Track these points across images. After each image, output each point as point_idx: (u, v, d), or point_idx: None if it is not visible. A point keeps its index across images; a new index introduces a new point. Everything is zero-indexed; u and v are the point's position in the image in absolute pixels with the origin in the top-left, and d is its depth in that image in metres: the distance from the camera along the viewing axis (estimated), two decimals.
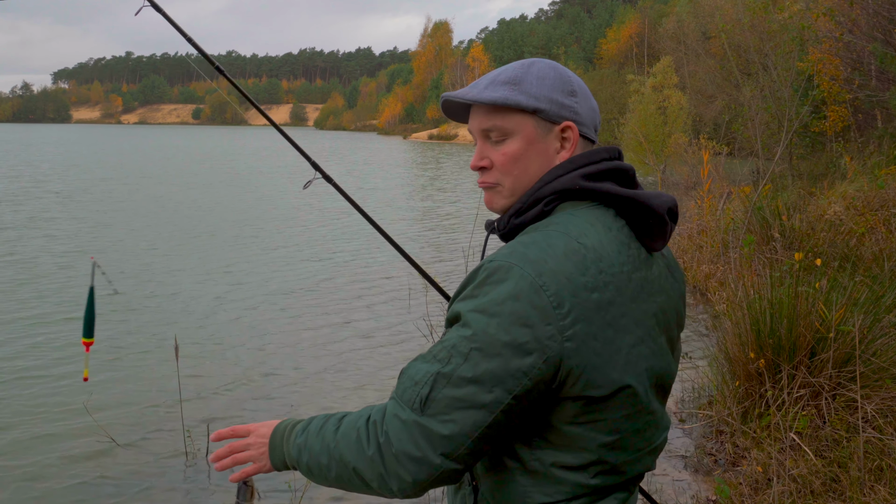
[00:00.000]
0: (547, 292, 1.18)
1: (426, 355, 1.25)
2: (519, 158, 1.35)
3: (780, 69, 15.28)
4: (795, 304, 4.48)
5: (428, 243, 14.31)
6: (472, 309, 1.21)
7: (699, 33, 38.10)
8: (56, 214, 17.45)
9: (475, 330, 1.19)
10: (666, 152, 20.29)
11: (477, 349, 1.18)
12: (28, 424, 5.67)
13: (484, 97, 1.34)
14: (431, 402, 1.20)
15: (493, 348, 1.18)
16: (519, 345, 1.17)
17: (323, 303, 9.44)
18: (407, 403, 1.22)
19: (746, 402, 4.67)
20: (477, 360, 1.18)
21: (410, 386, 1.23)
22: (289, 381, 6.63)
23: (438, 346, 1.24)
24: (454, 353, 1.20)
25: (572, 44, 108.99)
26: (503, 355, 1.18)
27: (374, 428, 1.25)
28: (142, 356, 7.24)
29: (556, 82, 1.36)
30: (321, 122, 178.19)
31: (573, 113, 1.36)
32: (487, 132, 1.37)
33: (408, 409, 1.22)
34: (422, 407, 1.20)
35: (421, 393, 1.21)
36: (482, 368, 1.18)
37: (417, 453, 1.19)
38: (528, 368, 1.18)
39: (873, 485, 3.45)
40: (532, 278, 1.19)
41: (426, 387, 1.20)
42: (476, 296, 1.22)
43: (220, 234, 14.89)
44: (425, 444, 1.19)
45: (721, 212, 10.35)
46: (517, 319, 1.17)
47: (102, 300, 9.31)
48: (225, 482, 4.79)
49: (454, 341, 1.21)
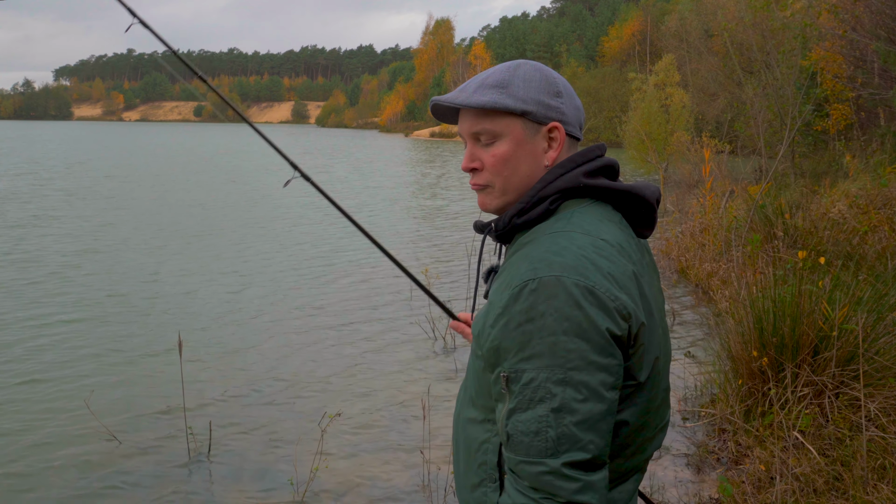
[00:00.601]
0: (601, 291, 1.22)
1: (516, 408, 1.22)
2: (508, 159, 1.38)
3: (782, 67, 15.25)
4: (799, 302, 4.47)
5: (437, 242, 14.30)
6: (540, 335, 1.21)
7: (701, 31, 38.06)
8: (61, 213, 17.46)
9: (555, 353, 1.19)
10: (668, 150, 20.27)
11: (571, 369, 1.19)
12: (32, 424, 5.67)
13: (472, 101, 1.38)
14: (563, 438, 1.19)
15: (583, 361, 1.19)
16: (601, 347, 1.21)
17: (324, 303, 9.44)
18: (541, 454, 1.19)
19: (749, 401, 4.66)
20: (576, 380, 1.19)
21: (531, 440, 1.20)
22: (291, 381, 6.63)
23: (523, 391, 1.21)
24: (549, 385, 1.19)
25: (574, 41, 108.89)
26: (594, 363, 1.20)
27: (542, 502, 1.20)
28: (145, 356, 7.24)
29: (542, 84, 1.39)
30: (323, 120, 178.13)
31: (559, 113, 1.40)
32: (477, 135, 1.41)
33: (548, 459, 1.19)
34: (557, 448, 1.19)
35: (549, 437, 1.19)
36: (585, 383, 1.19)
37: (579, 485, 1.19)
38: (617, 363, 1.23)
39: (876, 483, 3.44)
40: (583, 283, 1.21)
41: (550, 429, 1.19)
42: (533, 318, 1.21)
43: (223, 234, 14.89)
44: (581, 474, 1.19)
45: (723, 210, 10.33)
46: (589, 326, 1.20)
47: (106, 301, 9.32)
48: (227, 482, 4.79)
49: (539, 377, 1.20)
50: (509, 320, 1.24)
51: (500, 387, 1.26)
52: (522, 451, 1.21)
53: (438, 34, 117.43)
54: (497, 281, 1.38)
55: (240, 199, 20.85)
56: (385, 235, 14.81)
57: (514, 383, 1.23)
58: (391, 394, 6.30)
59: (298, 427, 5.57)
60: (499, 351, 1.25)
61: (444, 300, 2.32)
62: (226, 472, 4.91)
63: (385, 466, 4.99)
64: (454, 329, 1.98)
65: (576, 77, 69.30)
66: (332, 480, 4.75)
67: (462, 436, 1.44)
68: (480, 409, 1.38)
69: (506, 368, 1.24)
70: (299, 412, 5.88)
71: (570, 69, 72.88)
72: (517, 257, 1.33)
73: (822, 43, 15.20)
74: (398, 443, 5.33)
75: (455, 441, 1.49)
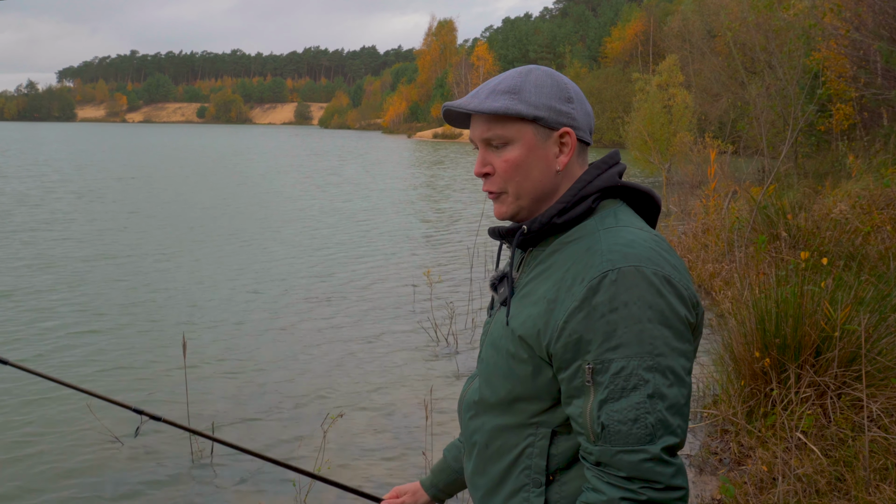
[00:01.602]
0: (676, 280, 1.27)
1: (607, 398, 1.23)
2: (520, 164, 1.39)
3: (785, 67, 15.23)
4: (801, 303, 4.46)
5: (443, 245, 14.31)
6: (625, 323, 1.23)
7: (704, 31, 38.02)
8: (72, 216, 17.49)
9: (642, 340, 1.22)
10: (671, 151, 20.25)
11: (658, 355, 1.23)
12: (33, 425, 5.68)
13: (485, 107, 1.38)
14: (662, 423, 1.22)
15: (667, 347, 1.24)
16: (681, 333, 1.26)
17: (326, 305, 9.45)
18: (640, 442, 1.22)
19: (751, 402, 4.66)
20: (663, 366, 1.23)
21: (629, 428, 1.22)
22: (293, 383, 6.64)
23: (614, 380, 1.23)
24: (641, 372, 1.22)
25: (577, 42, 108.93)
26: (676, 348, 1.25)
27: (640, 492, 1.22)
28: (149, 354, 7.26)
29: (553, 90, 1.40)
30: (326, 121, 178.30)
31: (570, 119, 1.41)
32: (489, 140, 1.41)
33: (648, 446, 1.22)
34: (654, 433, 1.22)
35: (648, 423, 1.21)
36: (671, 369, 1.24)
37: (674, 469, 1.23)
38: (692, 349, 1.29)
39: (879, 484, 3.44)
40: (661, 272, 1.26)
41: (649, 415, 1.22)
42: (617, 308, 1.23)
43: (228, 235, 14.91)
44: (674, 459, 1.24)
45: (726, 211, 10.32)
46: (671, 313, 1.25)
47: (112, 300, 9.34)
48: (230, 484, 4.80)
49: (630, 365, 1.22)
50: (591, 311, 1.25)
51: (582, 380, 1.26)
52: (621, 440, 1.22)
53: (441, 35, 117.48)
54: (536, 282, 1.38)
55: (247, 202, 20.87)
56: (396, 239, 14.85)
57: (602, 374, 1.24)
58: (394, 395, 6.30)
59: (301, 428, 5.58)
60: (579, 343, 1.26)
61: (447, 302, 2.32)
62: (228, 473, 4.92)
63: (388, 468, 5.00)
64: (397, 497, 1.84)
65: (578, 78, 69.30)
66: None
67: (492, 444, 1.43)
68: (519, 413, 1.38)
69: (590, 360, 1.25)
70: (302, 413, 5.89)
71: (573, 70, 72.90)
72: (568, 254, 1.34)
73: (825, 43, 15.17)
74: (401, 444, 5.34)
75: (478, 451, 1.47)
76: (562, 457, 1.35)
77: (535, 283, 1.38)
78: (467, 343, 7.63)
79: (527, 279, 1.41)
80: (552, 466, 1.35)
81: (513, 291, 1.43)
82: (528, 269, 1.43)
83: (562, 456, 1.35)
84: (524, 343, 1.34)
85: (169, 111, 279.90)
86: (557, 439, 1.35)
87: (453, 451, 1.79)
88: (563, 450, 1.35)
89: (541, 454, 1.35)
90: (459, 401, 1.58)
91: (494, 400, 1.42)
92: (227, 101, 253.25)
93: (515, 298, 1.42)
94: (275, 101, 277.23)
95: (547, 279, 1.36)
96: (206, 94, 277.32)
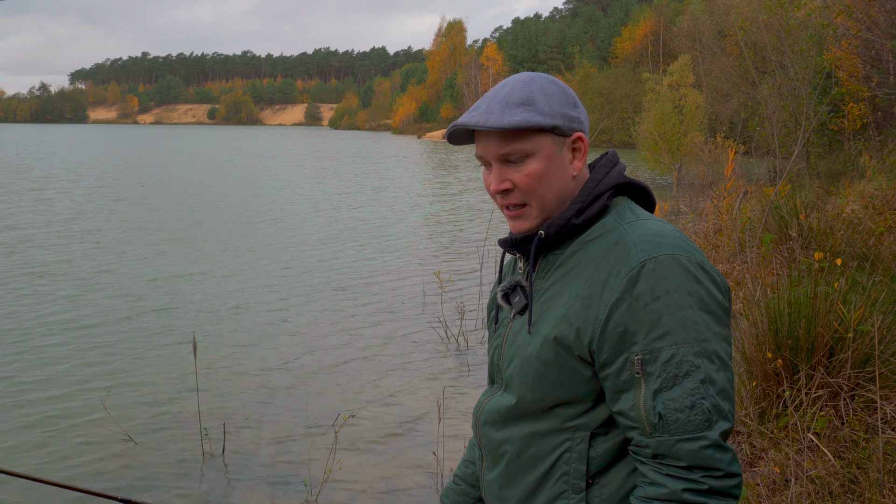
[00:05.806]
0: (707, 267, 1.29)
1: (661, 388, 1.23)
2: (542, 176, 1.36)
3: (797, 67, 15.15)
4: (814, 303, 4.44)
5: (455, 248, 14.31)
6: (669, 311, 1.23)
7: (714, 31, 37.89)
8: (88, 219, 17.61)
9: (686, 326, 1.23)
10: (682, 151, 20.19)
11: (703, 340, 1.23)
12: (47, 423, 5.73)
13: (505, 123, 1.32)
14: (716, 408, 1.22)
15: (710, 332, 1.24)
16: (720, 318, 1.27)
17: (337, 305, 9.47)
18: (699, 429, 1.21)
19: (764, 403, 4.64)
20: (710, 350, 1.24)
21: (687, 416, 1.21)
22: (305, 383, 6.66)
23: (665, 368, 1.22)
24: (691, 358, 1.22)
25: (587, 42, 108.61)
26: (718, 333, 1.25)
27: (702, 482, 1.21)
28: (161, 355, 7.29)
29: (561, 97, 1.39)
30: (336, 122, 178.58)
31: (580, 123, 1.41)
32: (507, 156, 1.36)
33: (707, 432, 1.21)
34: (710, 419, 1.22)
35: (705, 408, 1.21)
36: (716, 353, 1.24)
37: (731, 455, 1.23)
38: (730, 333, 1.30)
39: (892, 486, 3.42)
40: (695, 259, 1.28)
41: (705, 400, 1.21)
42: (659, 296, 1.24)
43: (235, 235, 14.97)
44: (729, 444, 1.24)
45: (737, 211, 10.28)
46: (710, 299, 1.26)
47: (121, 300, 9.40)
48: (241, 483, 4.82)
49: (679, 352, 1.22)
50: (633, 302, 1.24)
51: (630, 373, 1.24)
52: (679, 429, 1.21)
53: (451, 36, 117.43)
54: (561, 284, 1.36)
55: (261, 200, 20.94)
56: (406, 240, 14.87)
57: (652, 364, 1.23)
58: (405, 395, 6.31)
59: (312, 428, 5.60)
60: (625, 335, 1.24)
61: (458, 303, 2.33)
62: (240, 473, 4.94)
63: (399, 468, 5.01)
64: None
65: (588, 78, 69.13)
66: (346, 481, 4.77)
67: (524, 453, 1.39)
68: (555, 418, 1.35)
69: (637, 351, 1.24)
70: (313, 413, 5.91)
71: (583, 70, 72.66)
72: (593, 252, 1.33)
73: (837, 42, 15.09)
74: (412, 444, 5.35)
75: (508, 462, 1.42)
76: (601, 459, 1.32)
77: (561, 285, 1.36)
78: (476, 341, 7.64)
79: (547, 284, 1.39)
80: (592, 470, 1.33)
81: (532, 299, 1.40)
82: (545, 274, 1.40)
83: (601, 458, 1.32)
84: (560, 344, 1.31)
85: (179, 112, 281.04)
86: (596, 441, 1.33)
87: (451, 496, 1.71)
88: (602, 451, 1.32)
89: (580, 458, 1.32)
90: (476, 414, 1.51)
91: (526, 408, 1.38)
92: (237, 103, 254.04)
93: (537, 304, 1.39)
94: (285, 102, 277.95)
95: (575, 279, 1.34)
96: (217, 96, 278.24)
